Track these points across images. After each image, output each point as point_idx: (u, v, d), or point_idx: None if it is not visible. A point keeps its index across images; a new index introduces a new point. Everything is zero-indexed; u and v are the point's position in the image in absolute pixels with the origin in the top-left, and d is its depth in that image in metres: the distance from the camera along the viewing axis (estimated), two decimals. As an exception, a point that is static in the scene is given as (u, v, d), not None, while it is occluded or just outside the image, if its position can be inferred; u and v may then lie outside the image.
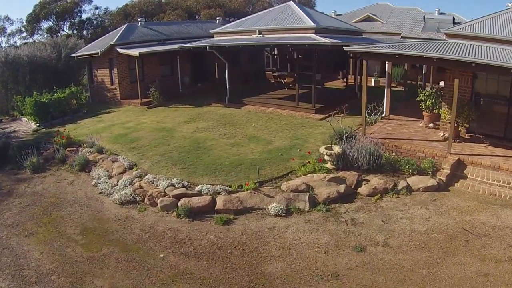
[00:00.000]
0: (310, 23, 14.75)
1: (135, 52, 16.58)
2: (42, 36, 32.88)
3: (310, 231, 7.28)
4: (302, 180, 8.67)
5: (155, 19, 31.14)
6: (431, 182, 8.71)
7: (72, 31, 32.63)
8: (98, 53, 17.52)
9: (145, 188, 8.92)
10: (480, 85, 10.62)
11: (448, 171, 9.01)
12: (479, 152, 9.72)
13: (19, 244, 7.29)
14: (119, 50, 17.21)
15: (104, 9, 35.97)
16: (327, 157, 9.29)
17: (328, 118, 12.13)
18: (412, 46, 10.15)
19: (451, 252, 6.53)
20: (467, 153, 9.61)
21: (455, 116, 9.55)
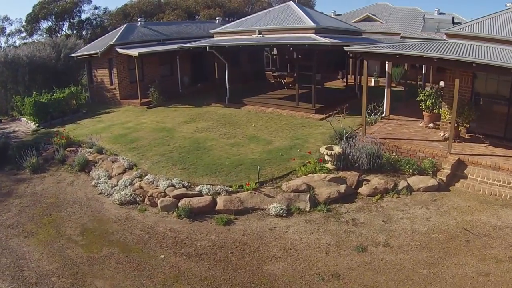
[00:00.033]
0: (310, 23, 14.73)
1: (135, 52, 16.56)
2: (42, 36, 32.89)
3: (311, 231, 7.27)
4: (303, 180, 8.66)
5: (155, 19, 31.11)
6: (432, 182, 8.71)
7: (72, 31, 32.59)
8: (98, 53, 17.50)
9: (145, 189, 8.90)
10: (480, 85, 10.62)
11: (449, 171, 9.01)
12: (479, 152, 9.72)
13: (19, 245, 7.26)
14: (119, 50, 17.20)
15: (104, 9, 35.99)
16: (328, 157, 9.28)
17: (328, 118, 12.12)
18: (413, 46, 10.15)
19: (452, 252, 6.53)
20: (467, 153, 9.61)
21: (455, 116, 9.55)
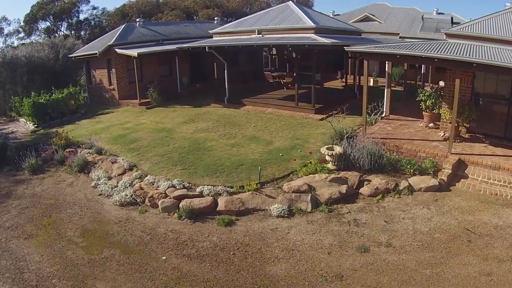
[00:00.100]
0: (310, 23, 14.72)
1: (134, 53, 16.51)
2: (40, 37, 32.78)
3: (313, 232, 7.25)
4: (304, 181, 8.64)
5: (153, 19, 31.03)
6: (433, 182, 8.70)
7: (70, 32, 32.48)
8: (97, 54, 17.43)
9: (146, 190, 8.85)
10: (479, 85, 10.64)
11: (449, 171, 9.02)
12: (480, 152, 9.73)
13: (19, 247, 7.21)
14: (118, 51, 17.14)
15: (102, 10, 35.90)
16: (329, 158, 9.26)
17: (329, 118, 12.11)
18: (413, 46, 10.15)
19: (454, 252, 6.52)
20: (468, 153, 9.62)
21: (456, 116, 9.55)
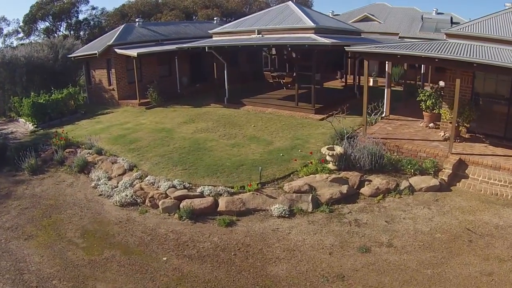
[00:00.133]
0: (310, 23, 14.71)
1: (133, 53, 16.49)
2: (39, 37, 32.73)
3: (314, 232, 7.23)
4: (305, 181, 8.62)
5: (152, 20, 31.00)
6: (433, 182, 8.69)
7: (69, 32, 32.42)
8: (96, 54, 17.41)
9: (146, 190, 8.83)
10: (479, 85, 10.64)
11: (450, 171, 9.01)
12: (480, 152, 9.73)
13: (19, 248, 7.18)
14: (117, 51, 17.11)
15: (101, 10, 35.87)
16: (329, 158, 9.25)
17: (329, 118, 12.10)
18: (414, 46, 10.14)
19: (455, 252, 6.52)
20: (468, 153, 9.62)
21: (456, 116, 9.55)
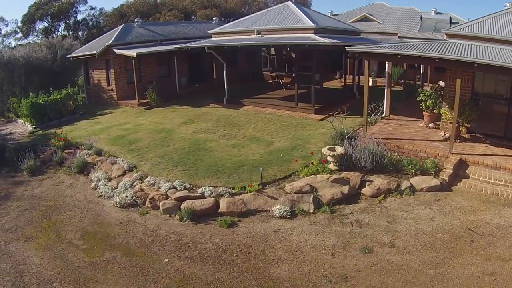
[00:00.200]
0: (310, 23, 14.69)
1: (132, 53, 16.43)
2: (37, 37, 32.57)
3: (316, 233, 7.21)
4: (306, 181, 8.60)
5: (151, 20, 30.91)
6: (434, 182, 8.68)
7: (68, 32, 32.28)
8: (95, 54, 17.34)
9: (146, 191, 8.78)
10: (479, 85, 10.63)
11: (451, 171, 9.01)
12: (480, 152, 9.73)
13: (19, 250, 7.13)
14: (116, 51, 17.04)
15: (100, 10, 35.68)
16: (330, 158, 9.23)
17: (329, 119, 12.08)
18: (414, 46, 10.13)
19: (457, 252, 6.51)
20: (469, 153, 9.62)
21: (456, 116, 9.55)
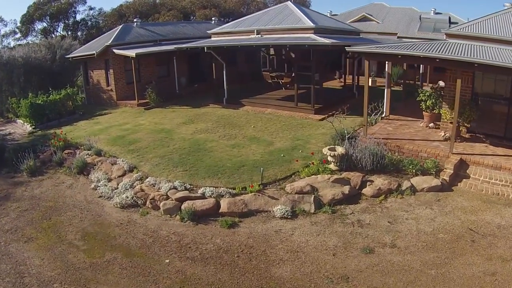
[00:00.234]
0: (309, 23, 14.68)
1: (132, 53, 16.40)
2: (36, 37, 32.49)
3: (317, 233, 7.20)
4: (306, 182, 8.59)
5: (150, 20, 30.86)
6: (435, 182, 8.68)
7: (67, 32, 32.20)
8: (94, 54, 17.29)
9: (147, 191, 8.76)
10: (478, 85, 10.64)
11: (451, 171, 9.01)
12: (481, 152, 9.74)
13: (19, 251, 7.10)
14: (115, 51, 17.01)
15: (99, 10, 35.61)
16: (331, 158, 9.22)
17: (329, 119, 12.08)
18: (415, 46, 10.13)
19: (459, 252, 6.51)
20: (469, 153, 9.62)
21: (457, 116, 9.55)
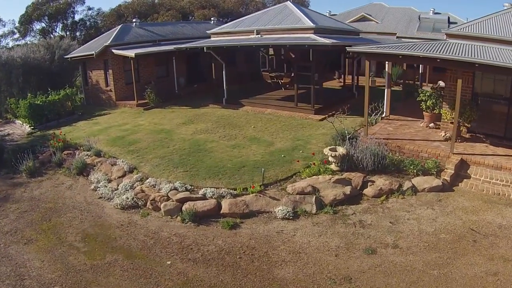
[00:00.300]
0: (309, 23, 14.66)
1: (131, 53, 16.35)
2: (35, 38, 32.34)
3: (319, 234, 7.18)
4: (308, 182, 8.57)
5: (149, 20, 30.78)
6: (436, 183, 8.67)
7: (65, 33, 32.04)
8: (93, 54, 17.23)
9: (147, 192, 8.71)
10: (478, 85, 10.64)
11: (452, 171, 9.00)
12: (481, 152, 9.74)
13: (19, 253, 7.04)
14: (114, 51, 16.96)
15: (97, 10, 35.44)
16: (332, 159, 9.21)
17: (330, 119, 12.06)
18: (415, 47, 10.12)
19: (460, 252, 6.50)
20: (470, 153, 9.62)
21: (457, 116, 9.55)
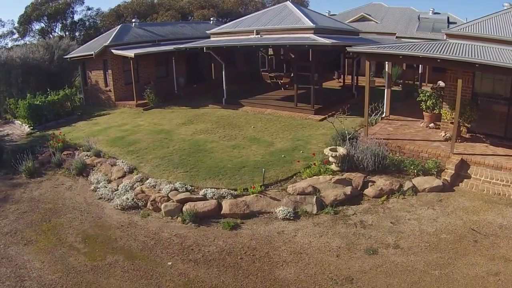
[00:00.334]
0: (309, 23, 14.66)
1: (130, 54, 16.32)
2: (34, 38, 32.27)
3: (320, 235, 7.17)
4: (308, 183, 8.56)
5: (148, 20, 30.76)
6: (436, 183, 8.68)
7: (64, 33, 31.99)
8: (92, 55, 17.21)
9: (147, 193, 8.69)
10: (477, 85, 10.65)
11: (452, 171, 9.00)
12: (481, 152, 9.75)
13: (19, 253, 7.01)
14: (114, 51, 16.93)
15: (96, 10, 35.42)
16: (332, 159, 9.20)
17: (330, 119, 12.06)
18: (415, 47, 10.13)
19: (461, 252, 6.50)
20: (470, 153, 9.63)
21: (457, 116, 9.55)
